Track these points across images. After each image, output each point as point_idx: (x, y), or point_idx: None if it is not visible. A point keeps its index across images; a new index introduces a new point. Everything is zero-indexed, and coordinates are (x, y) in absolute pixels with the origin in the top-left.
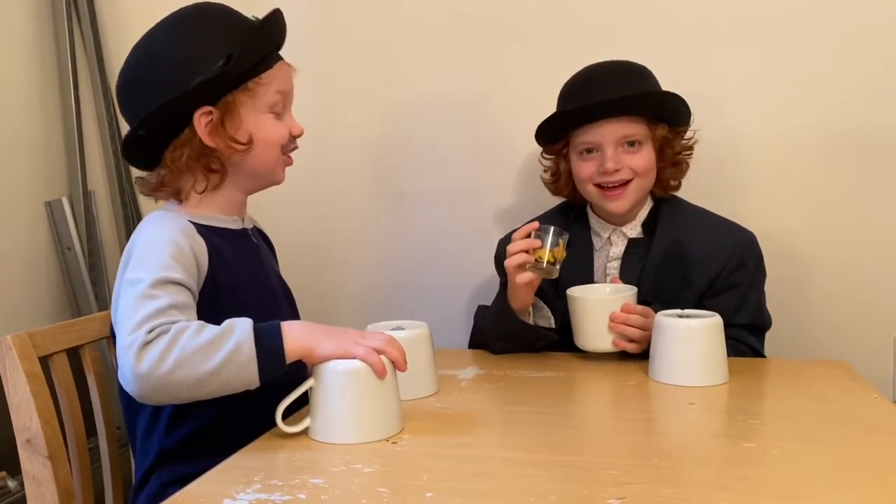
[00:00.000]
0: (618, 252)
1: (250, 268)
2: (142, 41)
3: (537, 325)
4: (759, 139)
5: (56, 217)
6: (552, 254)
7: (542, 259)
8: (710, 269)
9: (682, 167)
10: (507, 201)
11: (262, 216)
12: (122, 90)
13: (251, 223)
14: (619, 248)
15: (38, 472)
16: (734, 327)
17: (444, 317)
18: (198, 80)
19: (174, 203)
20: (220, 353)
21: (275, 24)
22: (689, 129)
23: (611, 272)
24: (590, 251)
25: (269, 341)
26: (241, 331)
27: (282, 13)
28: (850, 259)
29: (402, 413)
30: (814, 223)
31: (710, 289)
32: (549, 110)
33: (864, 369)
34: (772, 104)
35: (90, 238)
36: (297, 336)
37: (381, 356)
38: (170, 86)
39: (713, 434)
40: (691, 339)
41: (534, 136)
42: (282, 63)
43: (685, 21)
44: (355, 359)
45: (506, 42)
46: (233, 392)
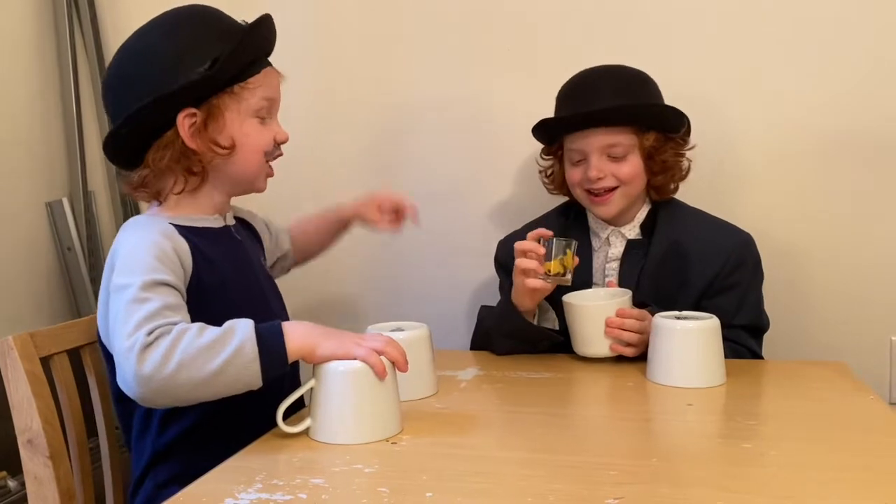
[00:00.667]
0: (616, 253)
1: (236, 266)
2: (131, 39)
3: (542, 326)
4: (757, 141)
5: (56, 217)
6: (561, 263)
7: (550, 271)
8: (708, 270)
9: (676, 173)
10: (505, 202)
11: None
12: (107, 87)
13: (233, 218)
14: (618, 248)
15: (39, 472)
16: (733, 328)
17: (444, 318)
18: (183, 82)
19: (154, 207)
20: (223, 353)
21: (264, 29)
22: (687, 135)
23: (609, 273)
24: (588, 251)
25: (271, 341)
26: (242, 331)
27: (272, 19)
28: (848, 260)
29: (402, 414)
30: (811, 224)
31: (709, 290)
32: (546, 111)
33: (861, 370)
34: (770, 105)
35: (90, 238)
36: (298, 336)
37: (382, 357)
38: (154, 85)
39: (711, 434)
40: (689, 341)
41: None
42: (270, 69)
43: (683, 22)
44: (356, 359)
45: (504, 43)
46: (236, 393)
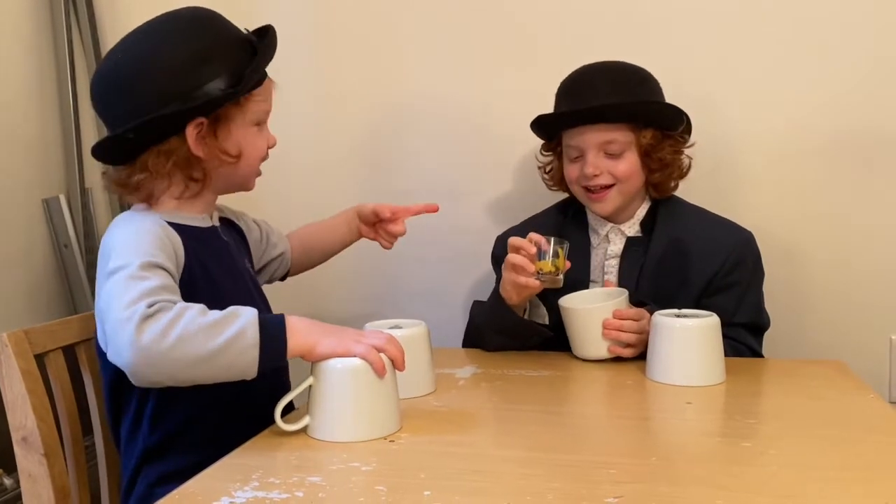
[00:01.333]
0: (615, 250)
1: (223, 266)
2: (136, 41)
3: (532, 321)
4: (757, 139)
5: (53, 214)
6: (554, 264)
7: (543, 270)
8: (708, 268)
9: (675, 170)
10: (503, 200)
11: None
12: (111, 88)
13: (218, 219)
14: (617, 246)
15: (33, 469)
16: (733, 327)
17: (441, 316)
18: (205, 97)
19: (142, 205)
20: (225, 333)
21: (274, 41)
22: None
23: (609, 270)
24: (587, 248)
25: (273, 331)
26: (246, 316)
27: (275, 30)
28: (847, 259)
29: (401, 411)
30: (811, 223)
31: (709, 288)
32: (543, 108)
33: (860, 369)
34: (769, 104)
35: (87, 236)
36: (299, 330)
37: (381, 354)
38: (171, 96)
39: (710, 433)
40: (688, 339)
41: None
42: (269, 79)
43: (683, 21)
44: (355, 357)
45: (502, 42)
46: (229, 380)
